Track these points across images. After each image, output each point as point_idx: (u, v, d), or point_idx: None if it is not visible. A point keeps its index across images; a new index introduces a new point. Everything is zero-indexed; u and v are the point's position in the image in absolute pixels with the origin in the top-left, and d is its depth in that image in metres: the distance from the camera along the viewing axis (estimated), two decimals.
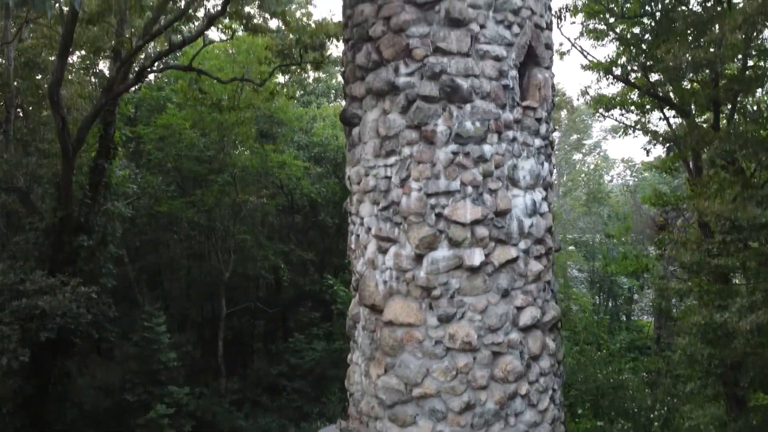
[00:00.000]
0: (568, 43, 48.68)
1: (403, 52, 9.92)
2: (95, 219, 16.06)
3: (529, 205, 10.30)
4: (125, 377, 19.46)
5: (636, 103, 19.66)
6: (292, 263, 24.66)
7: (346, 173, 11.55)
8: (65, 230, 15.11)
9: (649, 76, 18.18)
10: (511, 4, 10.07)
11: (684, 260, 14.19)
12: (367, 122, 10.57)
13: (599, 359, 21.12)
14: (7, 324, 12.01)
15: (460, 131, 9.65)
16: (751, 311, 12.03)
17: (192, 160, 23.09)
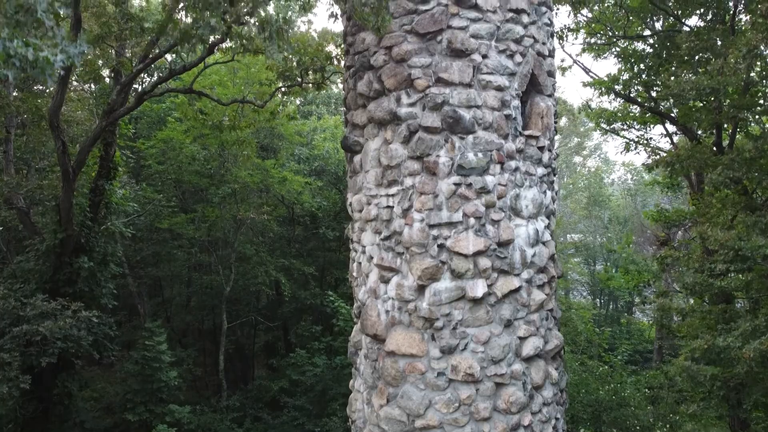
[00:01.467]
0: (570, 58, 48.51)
1: (405, 83, 9.90)
2: (96, 240, 16.02)
3: (532, 235, 10.26)
4: (126, 396, 19.40)
5: (637, 117, 19.65)
6: (292, 277, 24.62)
7: (348, 199, 11.52)
8: (65, 251, 15.07)
9: (650, 91, 18.18)
10: (514, 34, 10.05)
11: (686, 281, 14.15)
12: (368, 151, 10.54)
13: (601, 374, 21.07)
14: (8, 351, 11.97)
15: (462, 163, 9.62)
16: (754, 336, 12.00)
17: (192, 174, 23.05)
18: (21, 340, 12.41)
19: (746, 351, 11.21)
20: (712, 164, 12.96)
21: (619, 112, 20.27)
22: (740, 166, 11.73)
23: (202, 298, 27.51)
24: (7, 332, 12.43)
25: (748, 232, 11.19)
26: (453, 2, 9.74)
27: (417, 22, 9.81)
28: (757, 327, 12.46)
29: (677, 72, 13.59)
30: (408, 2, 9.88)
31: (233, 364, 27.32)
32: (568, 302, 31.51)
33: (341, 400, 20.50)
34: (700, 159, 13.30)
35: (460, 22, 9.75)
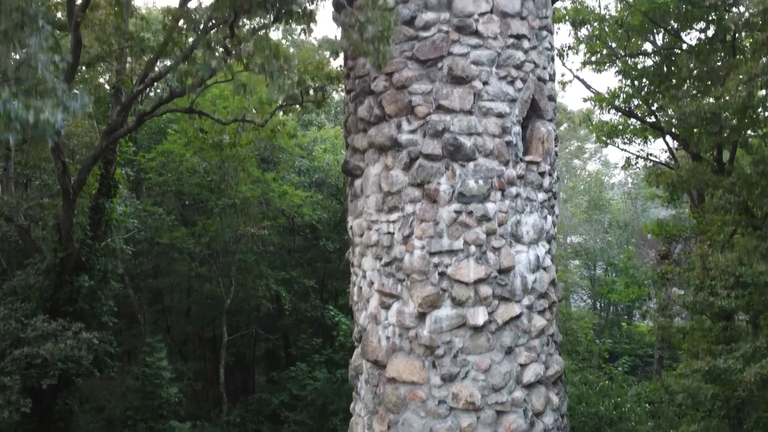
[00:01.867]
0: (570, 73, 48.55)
1: (406, 109, 9.88)
2: (96, 257, 16.01)
3: (533, 261, 10.24)
4: (127, 413, 19.39)
5: (638, 131, 19.65)
6: (293, 289, 24.61)
7: (348, 223, 11.50)
8: (66, 270, 15.04)
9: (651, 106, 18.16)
10: (514, 60, 10.03)
11: (687, 300, 14.13)
12: (369, 176, 10.53)
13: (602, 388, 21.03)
14: (8, 374, 11.94)
15: (463, 190, 9.61)
16: (754, 359, 11.98)
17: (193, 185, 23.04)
18: (21, 362, 12.39)
19: (747, 375, 11.19)
20: (712, 184, 12.98)
21: (619, 125, 20.26)
22: (741, 189, 11.74)
23: (203, 309, 27.49)
24: (7, 354, 12.41)
25: (749, 257, 11.20)
26: (454, 29, 9.73)
27: (417, 49, 9.80)
28: (758, 348, 12.43)
29: (677, 94, 13.61)
30: (408, 29, 9.88)
31: (233, 374, 27.31)
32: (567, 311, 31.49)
33: (342, 415, 20.46)
34: (701, 179, 13.32)
35: (460, 49, 9.74)
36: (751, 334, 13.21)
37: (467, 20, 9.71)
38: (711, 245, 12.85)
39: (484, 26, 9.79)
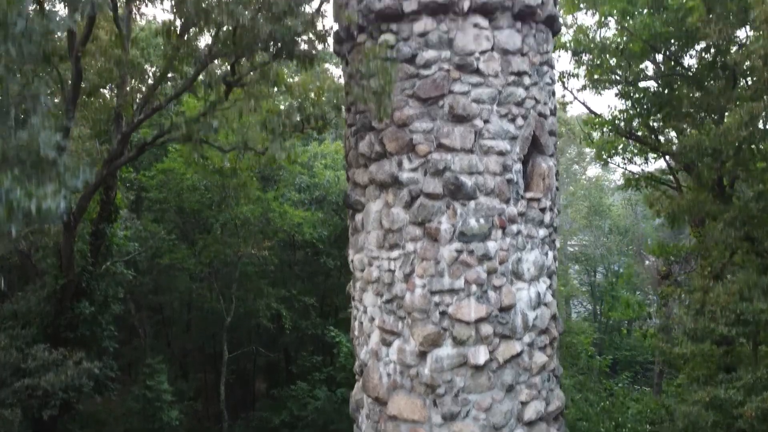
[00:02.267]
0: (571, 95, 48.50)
1: (407, 147, 9.87)
2: (97, 283, 16.01)
3: (534, 298, 10.24)
4: None
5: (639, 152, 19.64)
6: (293, 307, 24.60)
7: (349, 256, 11.50)
8: (66, 296, 15.02)
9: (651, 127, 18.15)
10: (515, 97, 10.02)
11: (688, 326, 14.10)
12: (370, 212, 10.52)
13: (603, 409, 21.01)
14: (9, 406, 11.90)
15: (464, 230, 9.60)
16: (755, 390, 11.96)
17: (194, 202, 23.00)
18: (22, 394, 12.38)
19: (748, 409, 11.17)
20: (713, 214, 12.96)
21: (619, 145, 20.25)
22: (742, 225, 11.74)
23: (203, 324, 27.46)
24: (8, 384, 12.38)
25: (750, 292, 11.19)
26: (455, 67, 9.73)
27: (419, 87, 9.80)
28: (759, 379, 12.42)
29: (679, 125, 13.64)
30: (409, 66, 9.87)
31: (234, 390, 27.27)
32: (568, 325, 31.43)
33: None
34: (701, 209, 13.30)
35: (461, 87, 9.74)
36: (752, 362, 13.17)
37: (468, 58, 9.70)
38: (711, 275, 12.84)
39: (485, 64, 9.78)
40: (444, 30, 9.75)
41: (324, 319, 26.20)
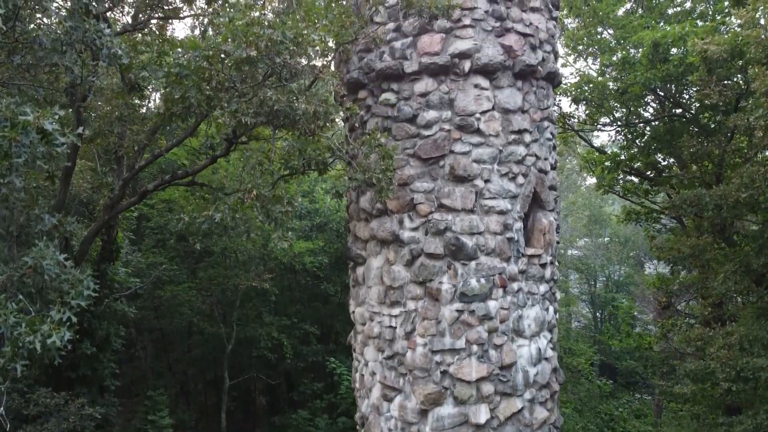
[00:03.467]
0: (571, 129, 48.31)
1: (408, 206, 9.92)
2: (98, 322, 16.03)
3: (534, 354, 10.26)
4: None
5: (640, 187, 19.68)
6: (294, 335, 24.59)
7: (350, 307, 11.53)
8: None
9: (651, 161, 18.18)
10: (516, 155, 10.07)
11: (687, 368, 14.11)
12: (371, 267, 10.56)
13: None
14: None
15: (465, 290, 9.63)
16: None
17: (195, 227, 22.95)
18: None
19: None
20: (714, 261, 13.01)
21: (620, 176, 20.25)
22: (742, 278, 11.77)
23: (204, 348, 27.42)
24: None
25: (751, 345, 11.20)
26: (455, 128, 9.78)
27: (419, 147, 9.85)
28: (759, 425, 12.43)
29: (680, 174, 13.73)
30: (410, 126, 9.94)
31: (234, 416, 27.22)
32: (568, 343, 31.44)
33: None
34: (703, 258, 13.34)
35: (462, 147, 9.79)
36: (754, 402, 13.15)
37: (469, 119, 9.75)
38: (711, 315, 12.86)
39: (486, 124, 9.84)
40: (445, 91, 9.80)
41: (325, 344, 26.19)
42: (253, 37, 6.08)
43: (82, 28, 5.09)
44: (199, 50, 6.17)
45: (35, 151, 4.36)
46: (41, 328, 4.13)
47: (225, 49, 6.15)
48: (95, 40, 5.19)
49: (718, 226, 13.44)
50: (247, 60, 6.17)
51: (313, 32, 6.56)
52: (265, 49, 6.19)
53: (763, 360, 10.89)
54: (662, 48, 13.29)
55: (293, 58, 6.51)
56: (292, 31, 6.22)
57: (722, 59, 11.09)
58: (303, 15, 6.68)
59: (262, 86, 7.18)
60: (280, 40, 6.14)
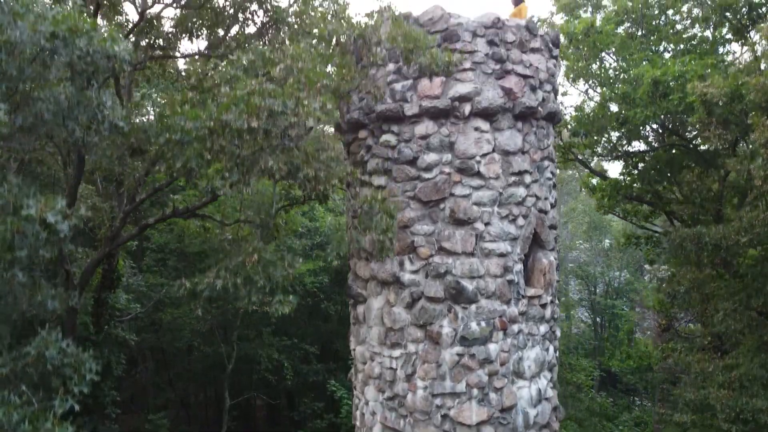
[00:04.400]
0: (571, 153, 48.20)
1: (408, 249, 9.93)
2: (100, 349, 16.00)
3: (534, 396, 10.26)
4: None
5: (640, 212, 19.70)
6: (294, 354, 24.57)
7: (351, 344, 11.54)
8: None
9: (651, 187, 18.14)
10: (516, 197, 10.07)
11: (687, 396, 14.10)
12: (372, 307, 10.56)
13: None
14: None
15: (465, 334, 9.63)
16: None
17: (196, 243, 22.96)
18: None
19: None
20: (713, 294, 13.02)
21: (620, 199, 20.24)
22: (742, 316, 11.79)
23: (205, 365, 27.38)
24: None
25: (751, 384, 11.21)
26: (456, 170, 9.79)
27: (420, 190, 9.87)
28: None
29: (681, 210, 13.81)
30: (411, 169, 9.95)
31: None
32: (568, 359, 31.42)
33: None
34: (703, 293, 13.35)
35: (462, 190, 9.80)
36: None
37: (469, 162, 9.77)
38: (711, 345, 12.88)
39: (486, 167, 9.84)
40: (445, 134, 9.82)
41: (325, 363, 26.17)
42: (253, 107, 6.12)
43: (83, 103, 5.14)
44: (200, 121, 6.21)
45: (38, 242, 4.38)
46: (44, 426, 4.14)
47: (226, 119, 6.18)
48: (96, 114, 5.25)
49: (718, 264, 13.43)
50: (248, 130, 6.21)
51: (313, 100, 6.58)
52: (266, 119, 6.23)
53: (762, 401, 10.89)
54: (662, 86, 13.33)
55: (294, 128, 6.53)
56: (292, 99, 6.25)
57: (722, 102, 11.13)
58: (304, 81, 6.70)
59: (263, 153, 7.21)
60: (280, 110, 6.19)
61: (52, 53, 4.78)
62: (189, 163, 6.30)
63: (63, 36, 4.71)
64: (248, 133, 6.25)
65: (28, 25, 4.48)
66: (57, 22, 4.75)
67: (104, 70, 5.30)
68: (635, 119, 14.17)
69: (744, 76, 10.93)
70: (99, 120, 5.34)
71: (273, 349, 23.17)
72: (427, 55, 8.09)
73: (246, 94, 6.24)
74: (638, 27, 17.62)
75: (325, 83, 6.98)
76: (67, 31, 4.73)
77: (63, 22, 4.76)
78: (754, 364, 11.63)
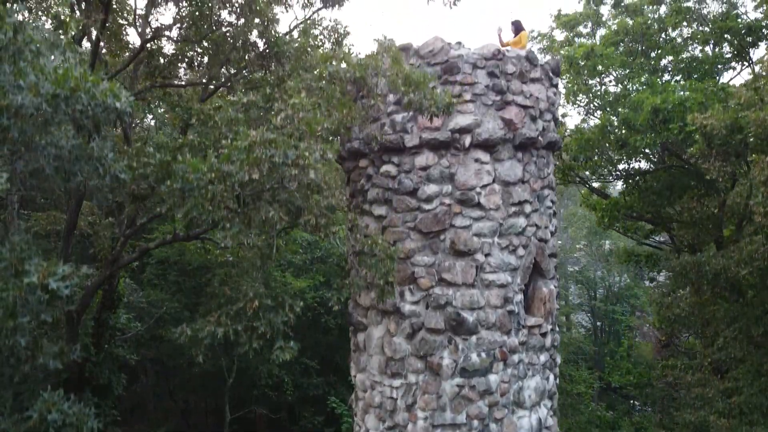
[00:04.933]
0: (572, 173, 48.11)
1: (409, 279, 9.94)
2: (100, 370, 16.01)
3: (535, 425, 10.26)
4: None
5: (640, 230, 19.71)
6: (295, 369, 24.57)
7: (352, 370, 11.54)
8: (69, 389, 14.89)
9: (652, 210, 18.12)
10: (516, 228, 10.08)
11: (687, 419, 14.11)
12: (372, 336, 10.57)
13: None
14: None
15: (465, 365, 9.64)
16: None
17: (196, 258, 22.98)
18: None
19: None
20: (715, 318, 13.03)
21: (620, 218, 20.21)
22: (742, 344, 11.81)
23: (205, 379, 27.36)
24: None
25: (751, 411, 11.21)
26: (456, 202, 9.81)
27: (420, 221, 9.88)
28: None
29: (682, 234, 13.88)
30: (411, 200, 9.97)
31: None
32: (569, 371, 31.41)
33: None
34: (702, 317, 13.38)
35: (462, 222, 9.81)
36: None
37: (469, 193, 9.78)
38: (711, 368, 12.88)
39: (486, 198, 9.86)
40: (445, 165, 9.84)
41: (325, 377, 26.15)
42: (254, 159, 6.14)
43: (84, 157, 5.15)
44: (201, 173, 6.22)
45: (40, 306, 4.40)
46: None
47: (227, 170, 6.20)
48: (98, 168, 5.26)
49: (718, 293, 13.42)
50: (249, 182, 6.23)
51: (313, 150, 6.60)
52: (267, 171, 6.24)
53: (762, 430, 10.90)
54: (662, 114, 13.35)
55: (294, 180, 6.55)
56: (292, 150, 6.26)
57: (722, 135, 11.15)
58: (304, 128, 6.72)
59: (264, 203, 7.23)
60: (281, 161, 6.21)
61: (54, 111, 4.80)
62: (190, 213, 6.32)
63: (65, 96, 4.73)
64: (249, 184, 6.27)
65: (30, 88, 4.50)
66: (59, 82, 4.77)
67: (106, 123, 5.33)
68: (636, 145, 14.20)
69: (744, 109, 10.96)
70: (100, 174, 5.38)
71: (273, 365, 23.13)
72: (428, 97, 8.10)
73: (247, 146, 6.26)
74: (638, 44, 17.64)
75: (326, 126, 7.00)
76: (69, 91, 4.76)
77: (64, 80, 4.78)
78: (754, 389, 11.64)
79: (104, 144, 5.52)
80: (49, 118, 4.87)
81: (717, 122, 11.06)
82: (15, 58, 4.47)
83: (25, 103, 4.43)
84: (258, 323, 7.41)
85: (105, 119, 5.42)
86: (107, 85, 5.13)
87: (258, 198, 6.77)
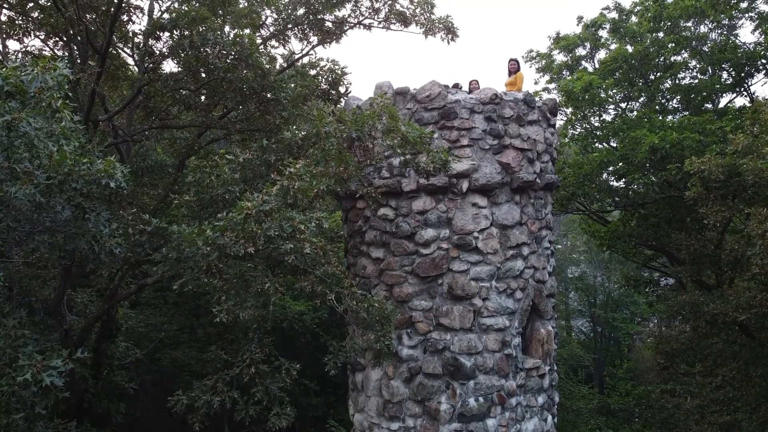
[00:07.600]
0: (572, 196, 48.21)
1: (407, 323, 9.94)
2: (99, 399, 15.98)
3: None
4: None
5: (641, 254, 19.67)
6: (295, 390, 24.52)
7: (350, 410, 11.51)
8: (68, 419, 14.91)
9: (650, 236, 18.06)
10: (514, 271, 10.08)
11: None
12: (370, 377, 10.55)
13: None
14: None
15: (463, 411, 9.63)
16: None
17: None
18: None
19: None
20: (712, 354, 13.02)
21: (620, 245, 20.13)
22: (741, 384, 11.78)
23: None
24: None
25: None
26: (453, 246, 9.80)
27: (418, 265, 9.88)
28: None
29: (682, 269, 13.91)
30: (408, 243, 9.96)
31: None
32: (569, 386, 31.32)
33: None
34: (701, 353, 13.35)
35: (460, 266, 9.81)
36: None
37: (467, 237, 9.78)
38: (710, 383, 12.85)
39: (484, 242, 9.85)
40: (443, 210, 9.84)
41: (324, 396, 26.09)
42: (250, 234, 6.14)
43: (80, 235, 5.15)
44: (196, 247, 6.22)
45: (35, 399, 4.39)
46: None
47: (222, 244, 6.19)
48: (93, 245, 5.26)
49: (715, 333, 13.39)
50: (246, 256, 6.23)
51: (310, 221, 6.61)
52: (263, 245, 6.25)
53: None
54: (660, 152, 13.35)
55: (291, 254, 6.54)
56: (288, 222, 6.27)
57: (719, 179, 11.16)
58: (301, 197, 6.72)
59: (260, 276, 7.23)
60: (277, 234, 6.20)
61: (48, 197, 4.80)
62: (186, 285, 6.32)
63: (60, 180, 4.73)
64: (245, 258, 6.26)
65: (24, 179, 4.50)
66: (55, 167, 4.77)
67: (101, 198, 5.33)
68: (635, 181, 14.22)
69: (741, 157, 10.96)
70: (96, 251, 5.37)
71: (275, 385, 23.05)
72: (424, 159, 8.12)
73: (242, 219, 6.25)
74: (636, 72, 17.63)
75: (322, 188, 6.99)
76: (63, 176, 4.75)
77: (61, 165, 4.78)
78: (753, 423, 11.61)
79: (99, 219, 5.52)
80: (44, 203, 4.86)
81: (715, 167, 11.07)
82: (8, 153, 4.47)
83: (19, 196, 4.42)
84: (255, 389, 7.37)
85: (100, 194, 5.41)
86: (101, 165, 5.13)
87: (254, 269, 6.77)
